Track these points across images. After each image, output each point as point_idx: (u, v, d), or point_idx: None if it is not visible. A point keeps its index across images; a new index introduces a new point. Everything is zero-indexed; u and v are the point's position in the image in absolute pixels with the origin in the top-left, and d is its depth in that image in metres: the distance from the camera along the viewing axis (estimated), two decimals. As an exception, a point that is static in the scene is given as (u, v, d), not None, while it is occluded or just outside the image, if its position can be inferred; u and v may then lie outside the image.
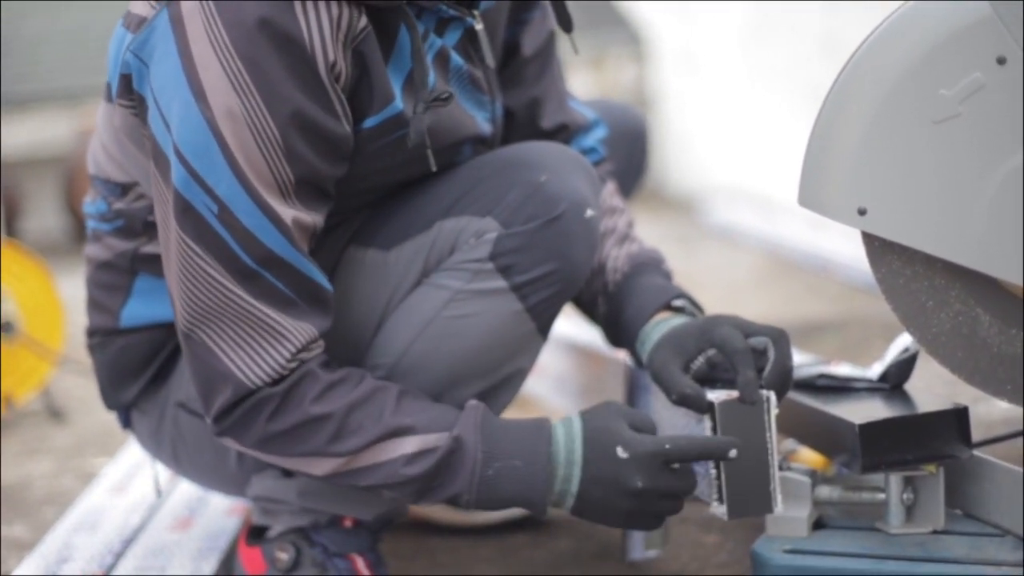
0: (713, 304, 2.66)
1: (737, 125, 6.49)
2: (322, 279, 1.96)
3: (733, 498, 1.97)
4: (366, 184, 2.05)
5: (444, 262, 2.05)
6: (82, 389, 3.69)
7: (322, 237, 2.07)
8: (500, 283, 2.02)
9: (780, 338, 2.01)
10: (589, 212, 2.04)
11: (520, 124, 2.29)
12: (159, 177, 1.92)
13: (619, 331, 2.20)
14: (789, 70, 5.61)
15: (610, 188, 2.33)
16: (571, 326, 3.30)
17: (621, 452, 1.92)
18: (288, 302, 1.93)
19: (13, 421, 3.69)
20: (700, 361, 2.05)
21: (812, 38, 5.24)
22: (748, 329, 2.02)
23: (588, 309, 2.27)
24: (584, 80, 7.40)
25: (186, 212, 1.89)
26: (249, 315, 1.92)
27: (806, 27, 5.36)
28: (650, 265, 2.23)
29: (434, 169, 2.03)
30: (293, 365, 1.94)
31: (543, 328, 2.08)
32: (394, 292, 2.07)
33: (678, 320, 2.13)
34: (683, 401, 1.99)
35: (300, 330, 1.94)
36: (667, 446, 1.92)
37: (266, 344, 1.92)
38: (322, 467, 1.97)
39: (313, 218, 1.93)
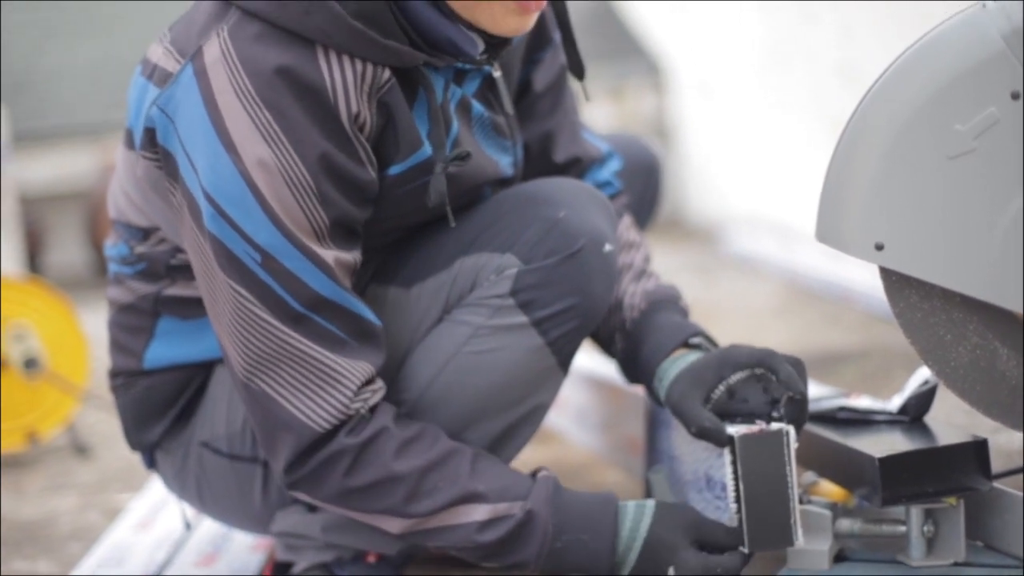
0: (733, 333, 2.67)
1: (756, 153, 6.48)
2: (370, 315, 1.99)
3: (754, 531, 1.97)
4: (389, 225, 2.07)
5: (465, 298, 2.07)
6: (106, 424, 3.70)
7: None
8: (521, 318, 2.03)
9: (796, 366, 2.03)
10: (608, 247, 2.05)
11: (533, 157, 2.31)
12: (195, 228, 1.95)
13: (637, 368, 2.21)
14: (806, 98, 5.62)
15: (627, 222, 2.35)
16: (591, 360, 3.31)
17: (671, 571, 1.98)
18: (340, 342, 1.95)
19: (38, 457, 3.70)
20: (720, 390, 2.06)
21: (829, 66, 5.25)
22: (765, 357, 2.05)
23: (606, 346, 2.28)
24: (604, 110, 7.40)
25: (231, 261, 1.92)
26: (306, 357, 1.94)
27: (823, 55, 5.37)
28: (667, 302, 2.24)
29: (452, 225, 2.05)
30: (357, 405, 1.96)
31: (564, 363, 2.10)
32: (416, 329, 2.09)
33: (695, 355, 2.14)
34: (703, 434, 2.01)
35: (357, 369, 1.96)
36: (719, 571, 1.97)
37: (326, 386, 1.95)
38: (395, 525, 2.01)
39: (353, 256, 1.97)
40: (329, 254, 1.93)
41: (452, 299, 2.08)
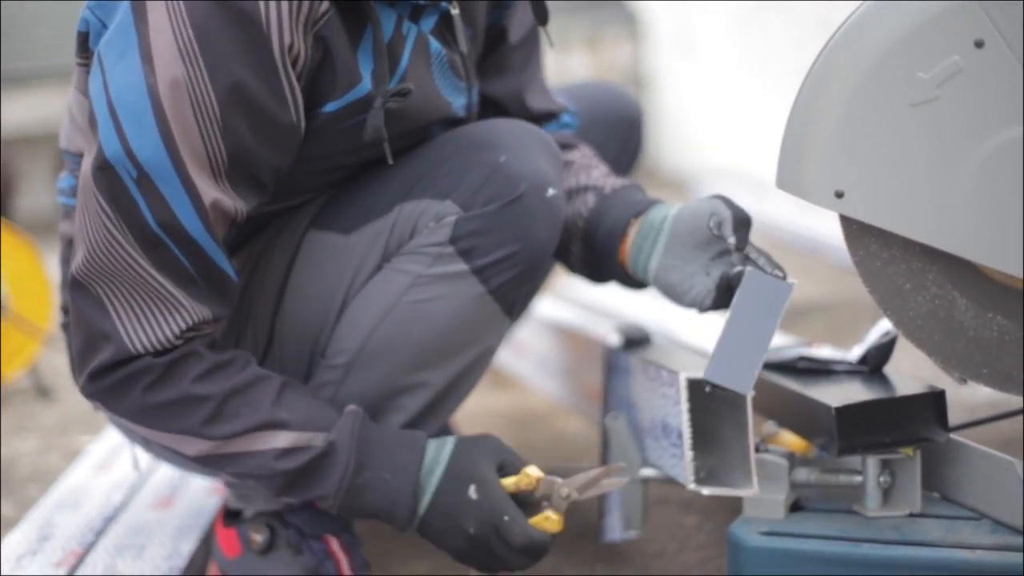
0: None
1: (731, 106, 6.47)
2: (229, 268, 1.94)
3: (707, 473, 1.98)
4: (326, 165, 2.05)
5: (404, 246, 2.04)
6: (68, 368, 3.69)
7: (283, 220, 2.07)
8: (461, 267, 2.01)
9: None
10: (551, 191, 2.02)
11: (510, 113, 2.29)
12: (90, 132, 1.91)
13: (600, 259, 2.21)
14: (784, 52, 5.60)
15: (584, 151, 2.33)
16: (553, 307, 3.31)
17: (473, 493, 1.94)
18: (189, 279, 1.91)
19: (1, 399, 3.70)
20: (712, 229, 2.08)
21: (807, 20, 5.23)
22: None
23: (563, 258, 2.27)
24: (579, 60, 7.39)
25: (104, 171, 1.87)
26: (147, 284, 1.90)
27: (802, 9, 5.35)
28: (621, 189, 2.23)
29: (390, 162, 2.02)
30: (179, 342, 1.92)
31: (508, 309, 2.07)
32: (355, 276, 2.06)
33: (655, 212, 2.14)
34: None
35: (196, 309, 1.92)
36: (505, 517, 1.94)
37: (159, 314, 1.91)
38: (193, 447, 1.96)
39: (236, 205, 1.91)
40: (211, 193, 1.87)
41: (392, 246, 2.05)
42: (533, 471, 1.95)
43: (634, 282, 2.20)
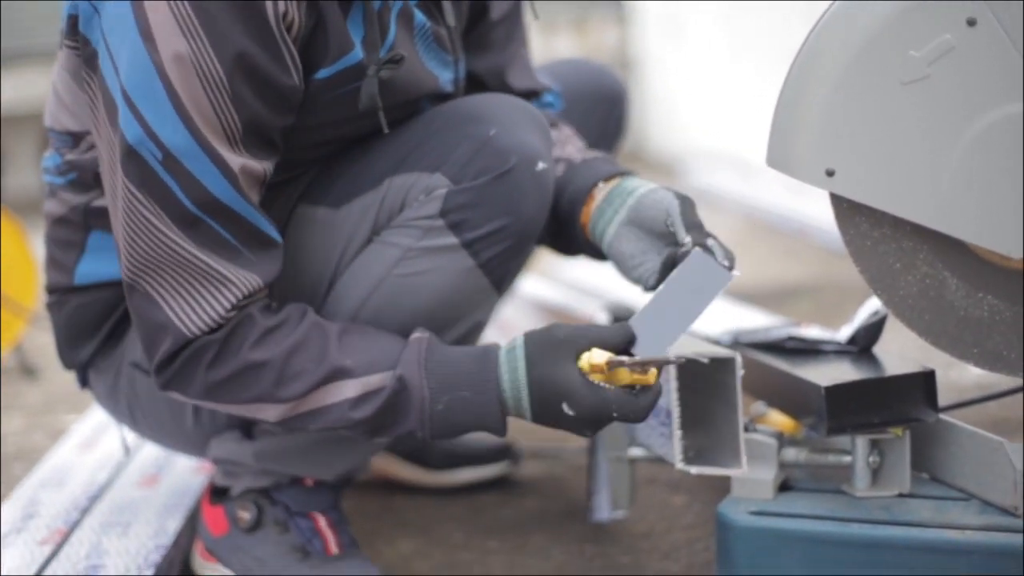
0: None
1: (719, 89, 6.46)
2: (270, 228, 1.94)
3: (697, 452, 1.97)
4: (319, 137, 2.03)
5: (394, 219, 2.03)
6: (54, 347, 3.68)
7: (273, 194, 2.06)
8: (451, 240, 2.00)
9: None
10: (540, 165, 2.01)
11: (490, 89, 2.28)
12: (107, 123, 1.90)
13: (562, 223, 2.17)
14: (772, 34, 5.59)
15: (565, 131, 2.30)
16: (540, 286, 3.30)
17: (567, 409, 1.88)
18: (233, 251, 1.91)
19: (-14, 378, 3.68)
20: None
21: (795, 3, 5.22)
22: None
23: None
24: (566, 43, 7.37)
25: (131, 157, 1.87)
26: (191, 264, 1.90)
27: (789, -10, 5.34)
28: (590, 160, 2.20)
29: (386, 131, 2.02)
30: (232, 315, 1.92)
31: (498, 283, 2.06)
32: (345, 250, 2.05)
33: (625, 184, 2.10)
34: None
35: (244, 279, 1.91)
36: (613, 414, 1.87)
37: (207, 293, 1.90)
38: (272, 412, 1.95)
39: (263, 166, 1.91)
40: (236, 160, 1.87)
41: (381, 219, 2.04)
42: (598, 357, 1.87)
43: (595, 250, 2.16)
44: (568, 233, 2.16)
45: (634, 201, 2.06)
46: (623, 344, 1.89)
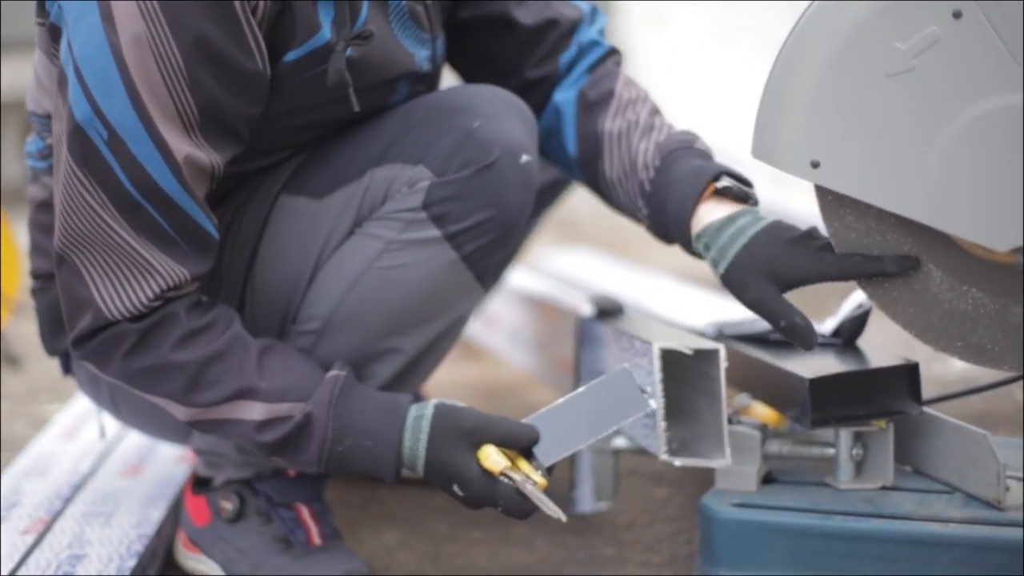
0: (676, 261, 2.65)
1: (702, 79, 6.46)
2: (207, 224, 1.92)
3: (680, 444, 1.98)
4: (292, 122, 2.02)
5: (376, 211, 2.02)
6: (38, 336, 3.67)
7: (255, 182, 2.05)
8: (434, 232, 1.99)
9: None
10: (524, 157, 2.00)
11: (497, 28, 2.25)
12: (60, 97, 1.89)
13: (667, 229, 2.11)
14: (756, 24, 5.59)
15: (624, 79, 2.27)
16: (526, 278, 3.29)
17: (457, 490, 1.90)
18: (167, 240, 1.89)
19: (-32, 367, 3.67)
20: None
21: (780, -5, 5.22)
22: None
23: (632, 214, 2.19)
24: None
25: (76, 135, 1.86)
26: (121, 248, 1.88)
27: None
28: (682, 149, 2.14)
29: (356, 109, 2.00)
30: (156, 304, 1.91)
31: (481, 276, 2.05)
32: (327, 241, 2.04)
33: (744, 219, 2.02)
34: (791, 331, 1.95)
35: (172, 270, 1.90)
36: (499, 507, 1.89)
37: (132, 280, 1.89)
38: (179, 412, 1.96)
39: (211, 158, 1.89)
40: (183, 148, 1.85)
41: (363, 211, 2.03)
42: (495, 463, 1.89)
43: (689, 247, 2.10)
44: (679, 242, 2.10)
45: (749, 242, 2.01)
46: (526, 443, 1.90)
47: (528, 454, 1.90)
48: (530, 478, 1.87)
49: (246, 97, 1.90)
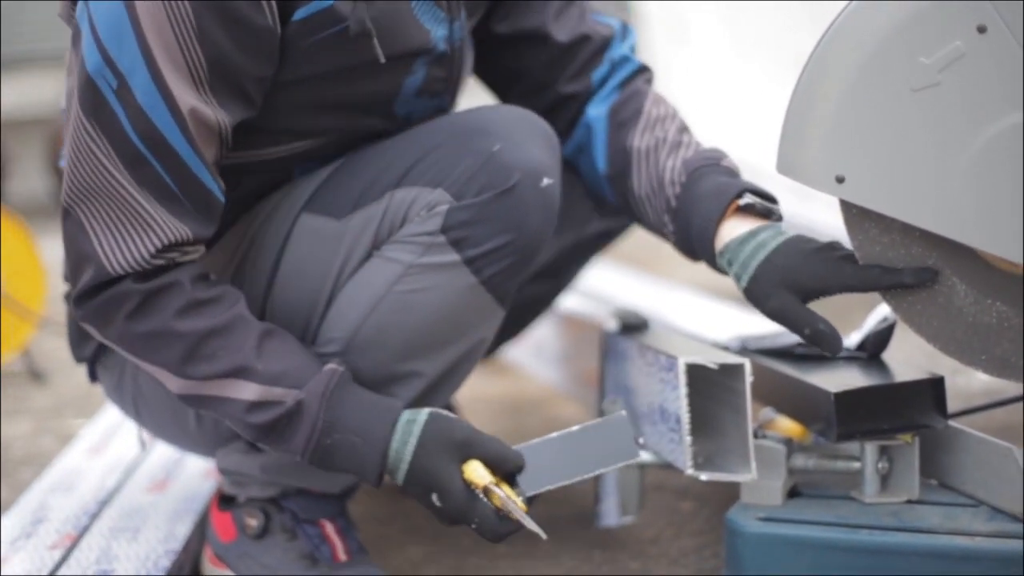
0: (700, 275, 2.65)
1: (724, 94, 6.46)
2: (212, 185, 1.93)
3: (706, 459, 1.98)
4: (317, 96, 2.01)
5: (396, 234, 2.02)
6: (63, 351, 3.65)
7: (277, 200, 2.05)
8: (452, 256, 1.99)
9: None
10: (546, 181, 2.00)
11: (533, 41, 2.25)
12: (73, 52, 1.91)
13: (692, 245, 2.11)
14: (777, 37, 5.59)
15: (653, 96, 2.27)
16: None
17: (436, 500, 1.91)
18: (171, 197, 1.90)
19: (-4, 382, 3.69)
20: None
21: (800, 7, 5.21)
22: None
23: (658, 230, 2.19)
24: (573, 46, 7.37)
25: (87, 86, 1.87)
26: (124, 201, 1.89)
27: (795, -3, 5.34)
28: (708, 167, 2.14)
29: (382, 60, 1.99)
30: (159, 262, 1.91)
31: (502, 299, 2.05)
32: (345, 262, 2.04)
33: (765, 233, 2.02)
34: (816, 338, 1.95)
35: (173, 227, 1.91)
36: (474, 525, 1.90)
37: (134, 233, 1.90)
38: (172, 383, 1.96)
39: (218, 115, 1.90)
40: (189, 100, 1.87)
41: (382, 233, 2.02)
42: (481, 477, 1.89)
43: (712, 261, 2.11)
44: (704, 259, 2.11)
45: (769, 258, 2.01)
46: (512, 468, 1.91)
47: (511, 480, 1.91)
48: (512, 498, 1.88)
49: (256, 54, 1.90)
